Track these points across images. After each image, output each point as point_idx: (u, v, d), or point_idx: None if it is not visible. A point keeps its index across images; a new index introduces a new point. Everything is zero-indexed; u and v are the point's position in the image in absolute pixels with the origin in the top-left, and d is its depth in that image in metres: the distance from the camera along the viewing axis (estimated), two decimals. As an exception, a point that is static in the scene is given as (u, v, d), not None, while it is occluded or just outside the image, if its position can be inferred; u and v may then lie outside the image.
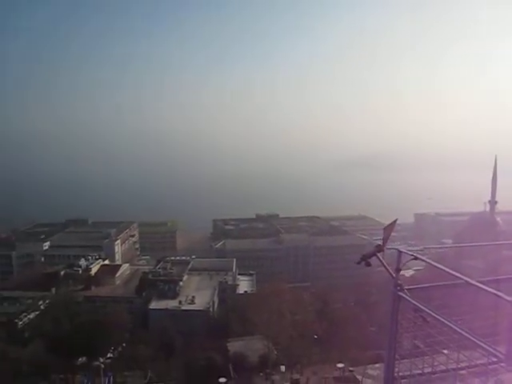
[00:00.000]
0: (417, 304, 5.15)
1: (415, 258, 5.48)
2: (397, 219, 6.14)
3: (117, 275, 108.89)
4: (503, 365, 4.50)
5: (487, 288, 4.44)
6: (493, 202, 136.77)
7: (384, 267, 5.54)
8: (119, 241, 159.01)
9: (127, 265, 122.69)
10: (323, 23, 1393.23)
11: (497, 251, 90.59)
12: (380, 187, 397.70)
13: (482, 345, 4.49)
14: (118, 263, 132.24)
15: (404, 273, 6.28)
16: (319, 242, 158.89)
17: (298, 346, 56.01)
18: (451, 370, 5.32)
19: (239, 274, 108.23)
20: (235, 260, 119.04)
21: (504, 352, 4.35)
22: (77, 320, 62.54)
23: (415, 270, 78.47)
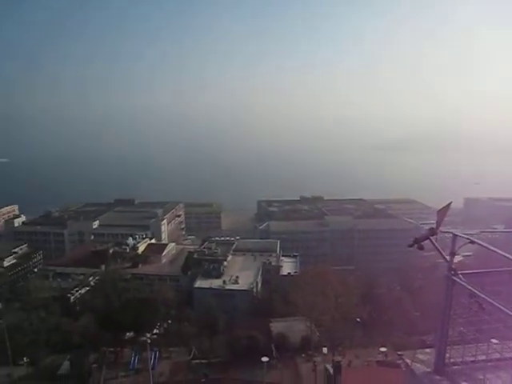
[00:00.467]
0: (473, 289, 4.97)
1: (471, 242, 5.28)
2: (451, 202, 5.91)
3: (163, 254, 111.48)
4: None
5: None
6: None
7: (437, 251, 5.37)
8: (165, 220, 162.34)
9: (173, 244, 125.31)
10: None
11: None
12: (424, 171, 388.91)
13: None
14: (165, 242, 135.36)
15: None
16: (364, 225, 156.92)
17: (341, 329, 55.81)
18: (508, 359, 5.13)
19: (283, 256, 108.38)
20: (279, 241, 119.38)
21: None
22: (125, 296, 64.42)
23: (463, 256, 76.37)
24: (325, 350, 49.61)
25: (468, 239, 5.23)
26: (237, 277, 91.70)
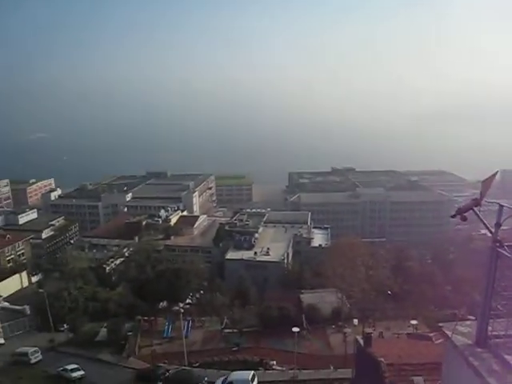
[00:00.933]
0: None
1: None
2: (497, 171, 5.67)
3: (195, 226, 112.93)
4: None
5: None
6: None
7: (481, 222, 5.19)
8: (197, 193, 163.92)
9: (205, 216, 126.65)
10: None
11: None
12: (458, 142, 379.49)
13: None
14: (196, 214, 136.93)
15: (486, 231, 5.73)
16: (396, 197, 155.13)
17: (372, 301, 55.77)
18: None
19: (314, 228, 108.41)
20: (310, 213, 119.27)
21: None
22: (158, 267, 65.72)
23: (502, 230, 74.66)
24: (355, 322, 49.83)
25: (516, 210, 5.04)
26: (268, 248, 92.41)
